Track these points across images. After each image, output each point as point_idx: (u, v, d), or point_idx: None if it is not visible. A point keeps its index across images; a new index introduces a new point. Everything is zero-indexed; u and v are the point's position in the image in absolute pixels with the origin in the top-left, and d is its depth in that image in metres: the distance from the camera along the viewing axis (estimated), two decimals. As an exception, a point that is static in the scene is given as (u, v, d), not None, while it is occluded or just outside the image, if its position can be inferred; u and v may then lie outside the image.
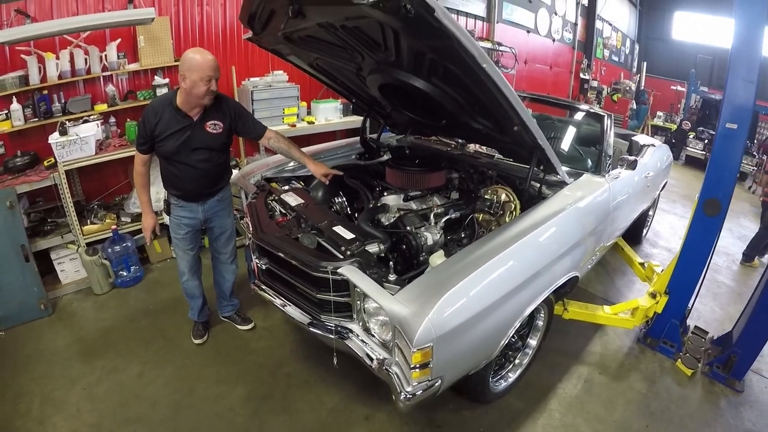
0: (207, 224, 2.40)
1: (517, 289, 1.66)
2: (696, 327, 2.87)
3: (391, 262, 1.63)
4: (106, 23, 3.05)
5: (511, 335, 1.74)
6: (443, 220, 2.16)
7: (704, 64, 10.33)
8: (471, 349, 1.57)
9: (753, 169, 7.68)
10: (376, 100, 2.64)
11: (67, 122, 2.93)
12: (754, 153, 8.00)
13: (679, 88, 9.75)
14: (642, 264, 3.33)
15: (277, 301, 2.00)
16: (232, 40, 3.98)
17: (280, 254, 1.85)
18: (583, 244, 2.12)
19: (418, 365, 1.39)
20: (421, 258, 1.94)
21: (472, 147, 2.84)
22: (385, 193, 2.50)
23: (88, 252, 3.03)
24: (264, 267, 2.05)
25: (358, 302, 1.67)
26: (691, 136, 8.48)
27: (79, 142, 2.87)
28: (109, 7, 3.28)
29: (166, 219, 2.44)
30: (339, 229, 1.84)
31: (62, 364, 2.45)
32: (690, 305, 2.75)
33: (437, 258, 1.75)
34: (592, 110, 2.97)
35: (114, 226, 3.13)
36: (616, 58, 10.50)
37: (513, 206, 2.13)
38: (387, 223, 2.22)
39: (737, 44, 2.20)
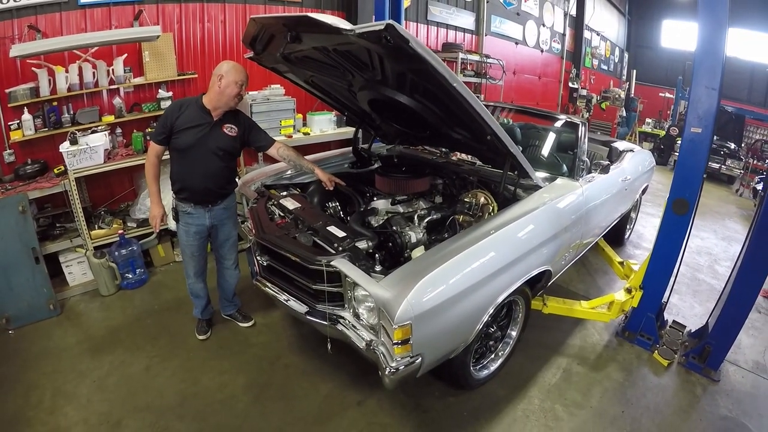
0: (213, 231, 2.55)
1: (489, 277, 1.85)
2: (674, 321, 3.01)
3: (377, 256, 1.83)
4: (116, 40, 3.24)
5: (485, 321, 1.92)
6: (426, 220, 2.35)
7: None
8: (448, 331, 1.76)
9: (740, 173, 7.86)
10: (367, 113, 2.84)
11: (77, 132, 3.10)
12: (741, 156, 8.18)
13: (668, 94, 10.00)
14: (621, 263, 3.50)
15: (277, 295, 2.18)
16: (231, 55, 4.16)
17: (281, 251, 2.04)
18: (555, 241, 2.30)
19: (399, 341, 1.59)
20: (406, 255, 2.13)
21: (456, 156, 3.05)
22: (375, 198, 2.71)
23: (96, 255, 3.19)
24: (265, 264, 2.25)
25: (349, 291, 1.87)
26: (679, 142, 8.66)
27: (89, 151, 3.04)
28: (115, 24, 3.48)
29: (171, 225, 2.60)
30: (332, 229, 2.04)
31: (72, 359, 2.58)
32: (665, 300, 2.91)
33: (418, 252, 1.97)
34: (568, 119, 3.17)
35: (121, 231, 3.29)
36: (605, 67, 10.76)
37: (491, 208, 2.33)
38: (376, 225, 2.42)
39: (700, 54, 2.35)
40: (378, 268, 1.78)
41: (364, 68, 2.00)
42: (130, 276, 3.33)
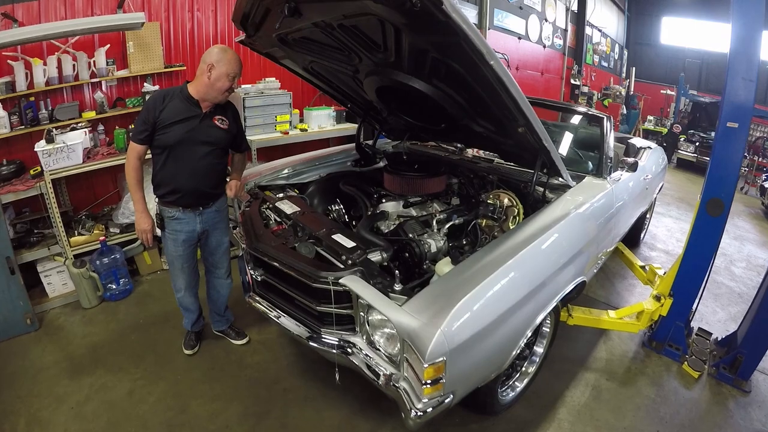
0: (203, 237, 2.30)
1: (528, 296, 1.59)
2: (699, 328, 2.86)
3: (397, 272, 1.53)
4: (95, 28, 2.98)
5: (522, 345, 1.66)
6: (446, 226, 2.08)
7: (692, 67, 10.49)
8: (483, 361, 1.49)
9: (745, 170, 7.75)
10: (372, 104, 2.58)
11: (54, 130, 2.84)
12: (745, 154, 8.08)
13: (669, 92, 9.87)
14: (643, 267, 3.29)
15: (274, 315, 1.90)
16: (223, 46, 3.93)
17: (277, 264, 1.76)
18: (588, 249, 2.06)
19: (429, 381, 1.30)
20: (425, 266, 1.87)
21: (471, 151, 2.79)
22: (384, 200, 2.43)
23: (76, 264, 2.92)
24: (259, 278, 1.95)
25: (362, 314, 1.58)
26: (682, 139, 8.56)
27: (66, 150, 2.77)
28: (98, 12, 3.22)
29: (157, 231, 2.34)
30: (338, 238, 1.76)
31: (49, 381, 2.34)
32: (694, 307, 2.72)
33: (444, 266, 1.65)
34: (590, 112, 2.93)
35: (102, 237, 3.02)
36: (605, 64, 10.60)
37: (516, 211, 2.07)
38: (387, 231, 2.14)
39: (736, 44, 2.19)
40: (398, 287, 1.48)
41: (374, 49, 1.73)
42: (114, 287, 3.06)
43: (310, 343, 1.70)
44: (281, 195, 2.34)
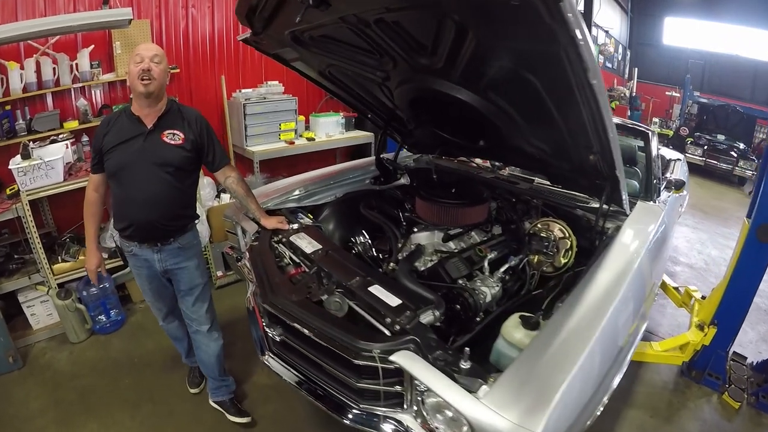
0: (170, 277, 1.96)
1: (612, 365, 1.33)
2: (734, 353, 2.71)
3: (466, 349, 1.19)
4: (77, 26, 2.66)
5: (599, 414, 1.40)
6: (502, 269, 1.78)
7: (695, 68, 10.35)
8: None
9: (753, 174, 7.63)
10: (395, 114, 2.29)
11: (30, 143, 2.52)
12: (753, 158, 7.96)
13: (674, 93, 9.74)
14: (677, 289, 3.10)
15: (298, 385, 1.57)
16: (221, 46, 3.60)
17: (302, 328, 1.43)
18: (653, 288, 1.81)
19: None
20: (478, 319, 1.57)
21: (506, 170, 2.49)
22: (415, 229, 2.11)
23: (60, 295, 2.61)
24: (278, 338, 1.58)
25: (415, 393, 1.28)
26: (689, 142, 8.42)
27: (44, 167, 2.45)
28: (81, 8, 2.91)
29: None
30: (377, 291, 1.43)
31: (35, 434, 2.05)
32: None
33: (515, 330, 1.33)
34: (630, 125, 2.68)
35: (88, 265, 2.70)
36: (609, 65, 10.42)
37: (568, 243, 1.79)
38: (423, 269, 1.82)
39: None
40: (465, 365, 1.17)
41: (418, 52, 1.41)
42: (104, 318, 2.75)
43: (348, 423, 1.39)
44: (295, 226, 2.00)
